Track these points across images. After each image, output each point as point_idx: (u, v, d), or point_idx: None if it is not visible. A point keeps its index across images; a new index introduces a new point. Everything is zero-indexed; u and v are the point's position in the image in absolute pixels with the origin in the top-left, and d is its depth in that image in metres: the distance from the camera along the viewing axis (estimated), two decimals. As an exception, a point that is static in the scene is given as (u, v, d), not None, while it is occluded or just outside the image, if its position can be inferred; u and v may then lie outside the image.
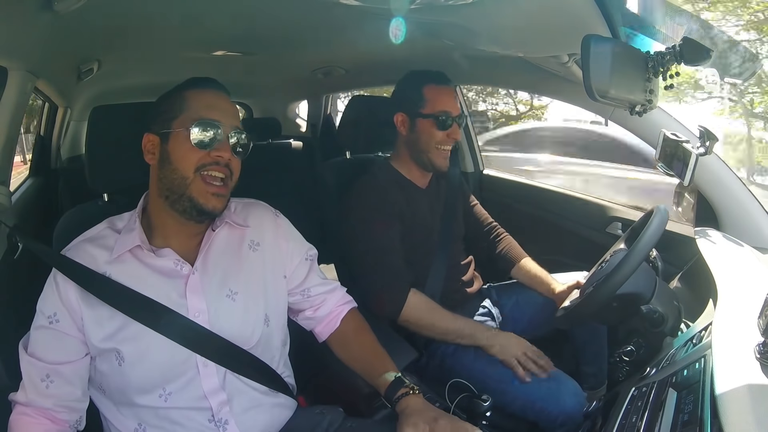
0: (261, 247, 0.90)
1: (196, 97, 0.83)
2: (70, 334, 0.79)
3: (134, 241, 0.82)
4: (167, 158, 0.81)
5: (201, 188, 0.80)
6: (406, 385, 0.86)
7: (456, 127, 1.23)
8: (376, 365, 0.91)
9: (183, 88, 0.84)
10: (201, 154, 0.80)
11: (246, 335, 0.85)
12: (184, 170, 0.80)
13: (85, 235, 0.85)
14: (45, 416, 0.78)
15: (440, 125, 1.21)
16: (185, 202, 0.80)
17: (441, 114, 1.21)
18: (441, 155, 1.23)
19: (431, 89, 1.22)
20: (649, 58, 0.79)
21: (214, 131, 0.80)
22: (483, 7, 0.84)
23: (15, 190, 1.60)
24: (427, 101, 1.22)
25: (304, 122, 3.00)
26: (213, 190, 0.81)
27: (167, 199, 0.82)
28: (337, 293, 1.00)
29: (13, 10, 0.84)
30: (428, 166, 1.25)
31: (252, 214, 0.93)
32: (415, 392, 0.85)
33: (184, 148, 0.80)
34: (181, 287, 0.82)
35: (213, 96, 0.84)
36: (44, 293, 0.81)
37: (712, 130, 1.00)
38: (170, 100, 0.83)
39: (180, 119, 0.81)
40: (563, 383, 1.08)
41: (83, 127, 2.15)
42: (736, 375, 0.62)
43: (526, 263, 1.38)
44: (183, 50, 1.55)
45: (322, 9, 1.06)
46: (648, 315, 0.93)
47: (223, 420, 0.81)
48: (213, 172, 0.81)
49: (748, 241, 1.10)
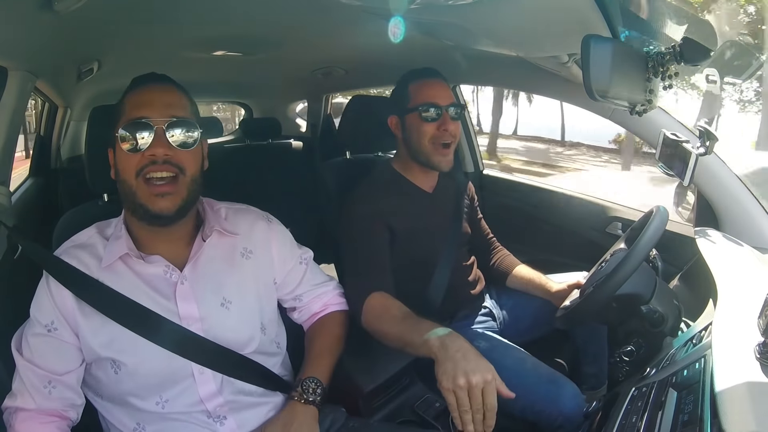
0: (254, 254, 0.89)
1: (131, 97, 0.80)
2: (69, 341, 0.78)
3: (122, 249, 0.80)
4: (116, 168, 0.79)
5: (145, 192, 0.76)
6: (297, 391, 0.85)
7: (446, 117, 1.15)
8: (305, 366, 0.91)
9: (126, 92, 0.81)
10: (137, 157, 0.75)
11: (242, 343, 0.85)
12: (128, 178, 0.77)
13: (74, 241, 0.84)
14: (53, 414, 0.77)
15: (426, 117, 1.16)
16: (139, 209, 0.78)
17: (424, 105, 1.16)
18: (438, 152, 1.17)
19: (415, 85, 1.20)
20: (649, 58, 0.79)
21: (142, 130, 0.75)
22: (483, 7, 0.84)
23: (15, 190, 1.60)
24: (411, 97, 1.19)
25: (304, 122, 2.99)
26: (156, 191, 0.76)
27: (128, 209, 0.80)
28: (328, 296, 1.00)
29: (13, 10, 0.84)
30: (428, 165, 1.20)
31: (242, 220, 0.91)
32: (302, 401, 0.84)
33: (121, 156, 0.77)
34: (170, 295, 0.81)
35: (145, 92, 0.79)
36: (38, 299, 0.80)
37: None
38: (116, 107, 0.81)
39: (117, 126, 0.77)
40: (562, 386, 1.07)
41: (83, 127, 2.15)
42: (736, 375, 0.62)
43: (519, 270, 1.36)
44: (183, 50, 1.55)
45: (322, 9, 1.06)
46: (648, 315, 0.93)
47: (221, 416, 0.81)
48: (153, 173, 0.76)
49: (748, 241, 1.10)
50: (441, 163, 1.19)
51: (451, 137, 1.17)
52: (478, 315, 1.31)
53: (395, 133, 1.24)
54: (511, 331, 1.31)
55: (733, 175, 1.15)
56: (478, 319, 1.30)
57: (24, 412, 0.76)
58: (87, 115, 0.97)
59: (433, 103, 1.16)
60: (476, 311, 1.32)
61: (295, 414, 0.82)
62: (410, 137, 1.20)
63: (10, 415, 0.77)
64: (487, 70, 1.63)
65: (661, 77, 0.79)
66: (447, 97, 1.18)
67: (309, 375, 0.87)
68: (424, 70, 1.22)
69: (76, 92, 1.90)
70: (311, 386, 0.85)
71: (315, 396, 0.85)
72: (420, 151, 1.19)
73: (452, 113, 1.17)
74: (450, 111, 1.17)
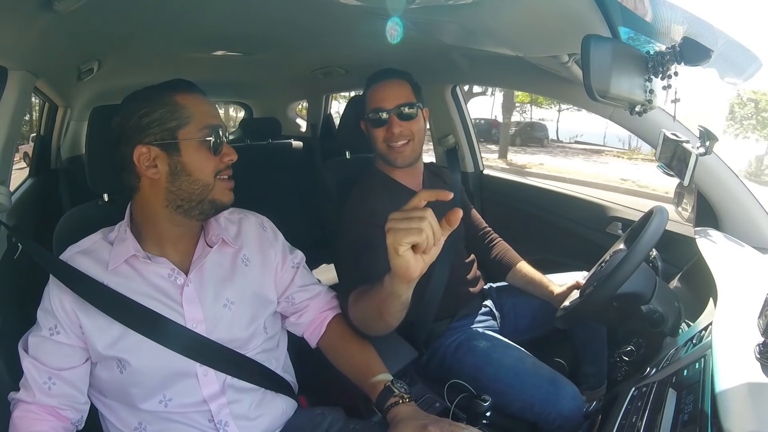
0: (252, 263, 0.91)
1: (192, 103, 0.81)
2: (71, 343, 0.80)
3: (129, 250, 0.81)
4: (181, 170, 0.80)
5: (221, 188, 0.83)
6: (396, 394, 0.83)
7: (393, 119, 1.17)
8: (364, 371, 0.89)
9: (171, 94, 0.81)
10: (216, 160, 0.82)
11: (245, 342, 0.86)
12: (205, 178, 0.81)
13: (79, 246, 0.84)
14: (50, 413, 0.78)
15: (373, 122, 1.20)
16: (205, 205, 0.82)
17: (372, 112, 1.20)
18: (393, 151, 1.20)
19: (370, 89, 1.23)
20: (649, 58, 0.79)
21: (222, 135, 0.82)
22: (482, 7, 0.84)
23: (15, 190, 1.60)
24: (367, 101, 1.23)
25: (304, 122, 3.00)
26: (230, 186, 0.85)
27: (179, 208, 0.81)
28: (321, 297, 0.99)
29: (13, 10, 0.84)
30: (389, 163, 1.24)
31: (241, 230, 0.93)
32: (405, 401, 0.82)
33: (200, 157, 0.80)
34: (176, 297, 0.83)
35: (205, 101, 0.84)
36: (42, 303, 0.81)
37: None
38: (162, 108, 0.79)
39: (188, 129, 0.79)
40: (562, 387, 1.07)
41: (83, 127, 2.16)
42: (737, 375, 0.62)
43: (521, 268, 1.36)
44: (183, 50, 1.55)
45: (322, 9, 1.06)
46: (648, 315, 0.93)
47: (223, 422, 0.82)
48: (227, 173, 0.84)
49: (748, 241, 1.10)
50: (396, 160, 1.22)
51: (402, 138, 1.19)
52: (478, 314, 1.31)
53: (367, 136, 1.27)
54: (511, 330, 1.31)
55: (733, 175, 1.15)
56: (477, 318, 1.30)
57: (23, 404, 0.78)
58: (87, 115, 0.97)
59: (379, 107, 1.19)
60: (476, 310, 1.32)
61: (419, 414, 0.80)
62: (370, 140, 1.25)
63: (12, 406, 0.79)
64: (487, 70, 1.63)
65: (661, 77, 0.79)
66: (395, 98, 1.19)
67: (379, 377, 0.86)
68: (380, 73, 1.24)
69: (76, 92, 1.90)
70: (396, 386, 0.85)
71: (407, 392, 0.84)
72: (378, 152, 1.24)
73: (403, 113, 1.18)
74: (399, 112, 1.18)
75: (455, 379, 1.08)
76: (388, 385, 0.85)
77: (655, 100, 0.82)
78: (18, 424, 0.77)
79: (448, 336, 1.23)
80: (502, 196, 1.91)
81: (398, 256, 0.67)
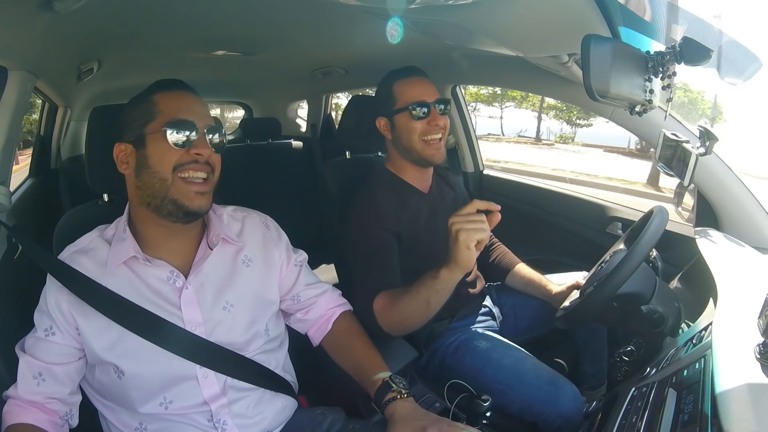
0: (254, 263, 0.90)
1: (166, 99, 0.81)
2: (66, 343, 0.80)
3: (128, 251, 0.81)
4: (144, 163, 0.80)
5: (182, 189, 0.79)
6: (394, 390, 0.83)
7: (435, 113, 1.18)
8: (365, 368, 0.90)
9: (151, 93, 0.83)
10: (179, 153, 0.79)
11: (244, 345, 0.86)
12: (162, 171, 0.78)
13: (77, 245, 0.84)
14: (35, 407, 0.78)
15: (416, 115, 1.18)
16: (168, 205, 0.79)
17: (413, 104, 1.18)
18: (430, 147, 1.19)
19: (400, 84, 1.21)
20: (649, 58, 0.79)
21: (190, 130, 0.79)
22: (482, 7, 0.84)
23: (15, 190, 1.60)
24: (398, 97, 1.20)
25: (304, 122, 3.00)
26: (196, 189, 0.80)
27: (149, 206, 0.80)
28: (328, 295, 1.00)
29: (13, 10, 0.84)
30: (420, 161, 1.22)
31: (245, 228, 0.92)
32: (403, 396, 0.83)
33: (160, 150, 0.79)
34: (175, 300, 0.82)
35: (184, 97, 0.83)
36: (39, 305, 0.81)
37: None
38: (140, 107, 0.81)
39: (154, 123, 0.79)
40: (562, 387, 1.07)
41: (83, 127, 2.15)
42: (737, 375, 0.62)
43: (519, 270, 1.36)
44: (183, 50, 1.55)
45: (321, 9, 1.06)
46: (648, 315, 0.93)
47: (222, 421, 0.82)
48: (193, 172, 0.79)
49: (748, 241, 1.10)
50: (434, 157, 1.20)
51: (442, 130, 1.20)
52: (478, 314, 1.31)
53: (384, 135, 1.25)
54: (511, 330, 1.31)
55: (733, 175, 1.15)
56: (477, 318, 1.30)
57: (11, 399, 0.79)
58: (87, 115, 0.97)
59: (421, 101, 1.18)
60: (476, 310, 1.32)
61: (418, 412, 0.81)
62: (400, 136, 1.21)
63: (4, 402, 0.80)
64: (487, 70, 1.63)
65: (661, 77, 0.79)
66: (433, 94, 1.20)
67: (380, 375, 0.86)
68: (406, 69, 1.23)
69: (76, 92, 1.90)
70: (395, 381, 0.85)
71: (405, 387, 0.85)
72: (412, 148, 1.20)
73: (440, 109, 1.19)
74: (438, 107, 1.19)
75: (455, 379, 1.08)
76: (387, 381, 0.85)
77: (655, 99, 0.82)
78: (5, 418, 0.77)
79: (448, 336, 1.23)
80: (503, 196, 1.90)
81: (468, 251, 0.84)
